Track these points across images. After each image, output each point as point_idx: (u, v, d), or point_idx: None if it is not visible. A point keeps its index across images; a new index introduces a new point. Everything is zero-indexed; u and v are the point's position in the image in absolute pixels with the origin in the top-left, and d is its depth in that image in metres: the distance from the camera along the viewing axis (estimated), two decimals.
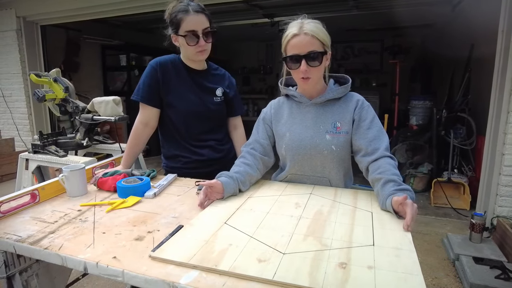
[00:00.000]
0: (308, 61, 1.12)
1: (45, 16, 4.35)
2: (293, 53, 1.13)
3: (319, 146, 1.20)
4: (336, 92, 1.22)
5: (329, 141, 1.20)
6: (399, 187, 1.01)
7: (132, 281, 0.73)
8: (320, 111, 1.23)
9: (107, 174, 1.29)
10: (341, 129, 1.20)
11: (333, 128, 1.20)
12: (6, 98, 4.69)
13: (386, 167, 1.09)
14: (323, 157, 1.21)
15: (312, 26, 1.12)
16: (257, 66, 8.63)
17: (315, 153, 1.21)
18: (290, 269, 0.71)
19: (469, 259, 2.24)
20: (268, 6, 4.35)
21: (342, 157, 1.22)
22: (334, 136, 1.20)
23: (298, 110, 1.27)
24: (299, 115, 1.26)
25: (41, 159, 2.14)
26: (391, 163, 1.11)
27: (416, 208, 0.93)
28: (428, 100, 4.47)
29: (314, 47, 1.11)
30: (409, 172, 3.78)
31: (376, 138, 1.16)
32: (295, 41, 1.12)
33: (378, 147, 1.14)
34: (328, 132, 1.20)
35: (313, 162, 1.24)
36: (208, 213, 1.01)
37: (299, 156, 1.23)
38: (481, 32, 3.49)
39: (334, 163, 1.22)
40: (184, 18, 1.33)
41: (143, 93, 1.43)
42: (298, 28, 1.11)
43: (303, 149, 1.22)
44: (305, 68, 1.12)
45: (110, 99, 2.17)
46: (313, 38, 1.11)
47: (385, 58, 7.11)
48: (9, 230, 0.93)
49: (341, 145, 1.20)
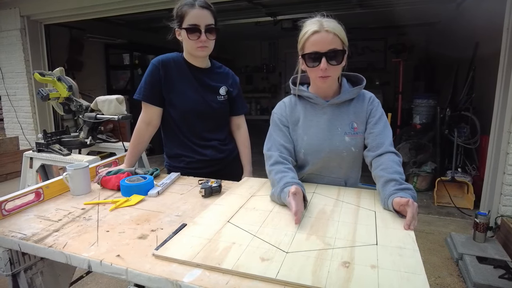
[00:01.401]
0: (328, 59, 1.09)
1: (49, 15, 4.37)
2: (312, 50, 1.09)
3: (338, 148, 1.19)
4: (352, 92, 1.20)
5: (348, 142, 1.19)
6: (400, 187, 1.00)
7: (135, 279, 0.73)
8: (336, 112, 1.21)
9: (110, 172, 1.30)
10: (358, 129, 1.19)
11: (351, 129, 1.19)
12: (11, 97, 4.72)
13: (388, 164, 1.08)
14: (341, 159, 1.21)
15: (333, 24, 1.09)
16: (260, 64, 8.63)
17: (335, 156, 1.20)
18: (293, 268, 0.71)
19: (473, 258, 2.23)
20: (271, 5, 4.35)
21: (359, 157, 1.23)
22: (352, 137, 1.19)
23: (313, 112, 1.23)
24: (315, 117, 1.22)
25: (45, 158, 2.15)
26: (395, 160, 1.10)
27: (417, 207, 0.92)
28: (432, 99, 4.45)
29: (335, 45, 1.08)
30: (412, 171, 3.76)
31: (381, 133, 1.16)
32: (316, 38, 1.08)
33: (382, 142, 1.14)
34: (346, 134, 1.19)
35: (331, 163, 1.23)
36: (211, 212, 1.01)
37: (319, 159, 1.21)
38: (486, 30, 3.47)
39: (350, 163, 1.23)
40: (188, 11, 1.34)
41: (145, 92, 1.43)
42: (319, 25, 1.08)
43: (322, 152, 1.20)
44: (325, 67, 1.08)
45: (113, 98, 2.17)
46: (334, 36, 1.08)
47: (388, 56, 7.08)
48: (14, 228, 0.93)
49: (360, 146, 1.20)
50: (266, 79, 8.70)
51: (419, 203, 3.48)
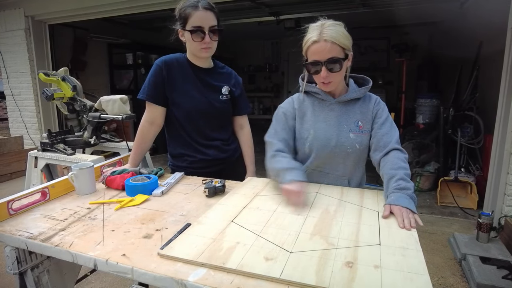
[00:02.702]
0: (328, 68, 1.13)
1: (53, 16, 4.40)
2: (313, 59, 1.14)
3: (344, 144, 1.23)
4: (359, 92, 1.25)
5: (353, 139, 1.22)
6: (399, 186, 1.03)
7: (141, 278, 0.74)
8: (343, 110, 1.25)
9: (115, 172, 1.31)
10: (363, 128, 1.23)
11: (356, 127, 1.23)
12: (15, 97, 4.75)
13: (394, 160, 1.12)
14: (346, 155, 1.24)
15: (332, 31, 1.11)
16: (262, 64, 8.62)
17: (340, 151, 1.23)
18: (297, 268, 0.71)
19: (476, 258, 2.22)
20: (274, 4, 4.34)
21: (363, 156, 1.26)
22: (357, 134, 1.23)
23: (321, 108, 1.27)
24: (323, 113, 1.26)
25: (50, 157, 2.17)
26: (400, 157, 1.14)
27: (406, 210, 0.95)
28: (435, 99, 4.44)
29: (333, 54, 1.11)
30: (415, 171, 3.75)
31: (387, 133, 1.20)
32: (315, 48, 1.12)
33: (389, 140, 1.18)
34: (352, 131, 1.23)
35: (335, 160, 1.25)
36: (215, 212, 1.02)
37: (324, 153, 1.24)
38: (490, 29, 3.45)
39: (355, 162, 1.26)
40: (192, 13, 1.34)
41: (148, 92, 1.44)
42: (318, 34, 1.11)
43: (328, 147, 1.23)
44: (325, 75, 1.13)
45: (117, 97, 2.19)
46: (333, 44, 1.10)
47: (391, 56, 7.06)
48: (21, 227, 0.95)
49: (364, 144, 1.23)
50: (268, 78, 8.69)
51: (422, 203, 3.47)
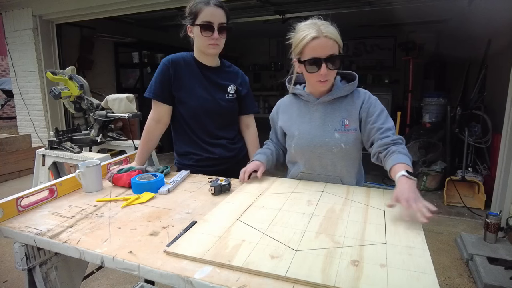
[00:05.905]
0: (328, 65, 1.11)
1: (61, 15, 4.44)
2: (312, 56, 1.11)
3: (328, 144, 1.21)
4: (344, 89, 1.22)
5: (338, 139, 1.20)
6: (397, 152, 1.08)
7: (147, 275, 0.74)
8: (328, 109, 1.23)
9: (122, 170, 1.32)
10: (349, 126, 1.21)
11: (341, 125, 1.21)
12: (23, 95, 4.81)
13: (392, 148, 1.12)
14: (333, 155, 1.22)
15: (331, 29, 1.11)
16: (268, 63, 8.62)
17: (325, 151, 1.22)
18: (303, 266, 0.72)
19: (483, 259, 2.20)
20: (279, 3, 4.33)
21: (352, 154, 1.23)
22: (343, 133, 1.20)
23: (306, 109, 1.27)
24: (308, 114, 1.26)
25: (57, 155, 2.19)
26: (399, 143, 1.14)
27: (413, 199, 0.92)
28: (442, 97, 4.39)
29: (334, 51, 1.11)
30: (422, 170, 3.72)
31: (381, 126, 1.17)
32: (316, 44, 1.10)
33: (387, 135, 1.16)
34: (336, 130, 1.21)
35: (323, 160, 1.24)
36: (221, 210, 1.02)
37: (309, 154, 1.24)
38: (498, 27, 3.40)
39: (344, 161, 1.23)
40: (203, 8, 1.36)
41: (155, 90, 1.46)
42: (317, 31, 1.09)
43: (312, 147, 1.22)
44: (326, 72, 1.11)
45: (123, 96, 2.20)
46: (334, 42, 1.10)
47: (398, 54, 7.00)
48: (29, 223, 0.96)
49: (351, 143, 1.20)
50: (274, 77, 8.68)
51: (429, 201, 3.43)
